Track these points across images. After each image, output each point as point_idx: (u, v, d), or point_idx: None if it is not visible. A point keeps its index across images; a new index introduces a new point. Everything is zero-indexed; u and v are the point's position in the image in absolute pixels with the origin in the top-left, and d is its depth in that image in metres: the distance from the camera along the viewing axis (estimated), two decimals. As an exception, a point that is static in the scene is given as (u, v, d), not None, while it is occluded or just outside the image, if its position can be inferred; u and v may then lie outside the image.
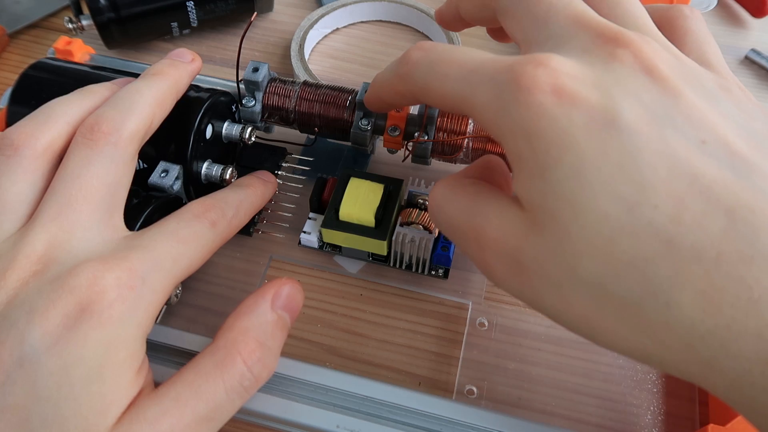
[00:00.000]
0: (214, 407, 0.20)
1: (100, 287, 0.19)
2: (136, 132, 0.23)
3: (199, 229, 0.23)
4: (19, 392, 0.17)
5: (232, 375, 0.20)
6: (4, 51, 0.41)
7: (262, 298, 0.22)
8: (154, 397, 0.19)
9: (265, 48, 0.42)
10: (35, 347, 0.18)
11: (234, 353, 0.20)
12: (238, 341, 0.21)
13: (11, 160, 0.21)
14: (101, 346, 0.18)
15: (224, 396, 0.20)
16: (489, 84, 0.18)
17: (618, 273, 0.16)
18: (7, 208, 0.21)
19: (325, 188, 0.30)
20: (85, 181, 0.21)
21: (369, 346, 0.28)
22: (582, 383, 0.27)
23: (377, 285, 0.30)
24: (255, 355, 0.21)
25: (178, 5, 0.38)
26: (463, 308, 0.29)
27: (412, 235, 0.28)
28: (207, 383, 0.20)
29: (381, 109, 0.27)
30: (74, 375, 0.18)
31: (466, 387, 0.27)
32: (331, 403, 0.23)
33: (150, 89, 0.24)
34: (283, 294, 0.22)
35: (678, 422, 0.26)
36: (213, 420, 0.20)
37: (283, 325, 0.22)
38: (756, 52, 0.41)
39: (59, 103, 0.23)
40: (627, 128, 0.16)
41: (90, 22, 0.37)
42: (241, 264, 0.31)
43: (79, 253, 0.20)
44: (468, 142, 0.30)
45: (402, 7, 0.42)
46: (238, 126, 0.30)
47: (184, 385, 0.20)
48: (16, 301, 0.19)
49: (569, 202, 0.16)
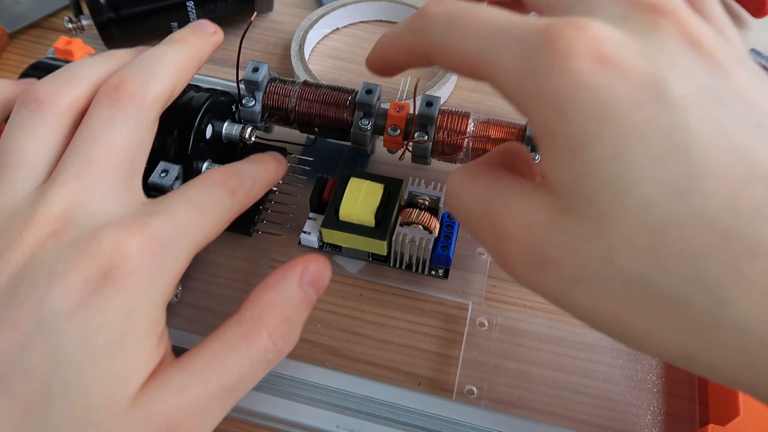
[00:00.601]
0: (238, 378, 0.19)
1: (123, 253, 0.18)
2: (161, 95, 0.22)
3: (219, 196, 0.22)
4: (39, 356, 0.17)
5: (258, 348, 0.20)
6: (4, 51, 0.41)
7: (291, 272, 0.22)
8: (178, 366, 0.19)
9: (265, 48, 0.42)
10: (56, 311, 0.17)
11: (260, 326, 0.20)
12: (265, 315, 0.20)
13: (35, 114, 0.21)
14: (124, 313, 0.18)
15: (248, 368, 0.20)
16: (517, 45, 0.16)
17: (664, 267, 0.14)
18: (27, 164, 0.20)
19: (325, 188, 0.30)
20: (108, 142, 0.21)
21: (369, 346, 0.28)
22: (582, 383, 0.27)
23: (377, 285, 0.30)
24: (280, 330, 0.20)
25: (178, 5, 0.38)
26: (463, 308, 0.29)
27: (412, 235, 0.28)
28: (232, 354, 0.19)
29: (384, 72, 0.23)
30: (96, 342, 0.18)
31: (466, 387, 0.27)
32: (331, 403, 0.23)
33: (175, 54, 0.24)
34: (311, 270, 0.22)
35: (678, 422, 0.26)
36: (236, 391, 0.20)
37: (308, 301, 0.22)
38: (756, 52, 0.41)
39: (84, 64, 0.23)
40: (677, 104, 0.14)
41: (90, 22, 0.37)
42: (241, 264, 0.31)
43: (98, 215, 0.20)
44: (468, 142, 0.30)
45: (402, 7, 0.42)
46: (238, 126, 0.30)
47: (210, 355, 0.19)
48: (34, 262, 0.18)
49: (609, 185, 0.14)
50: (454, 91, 0.39)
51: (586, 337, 0.29)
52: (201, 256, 0.21)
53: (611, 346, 0.28)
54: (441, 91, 0.37)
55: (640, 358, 0.28)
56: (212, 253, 0.31)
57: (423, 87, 0.37)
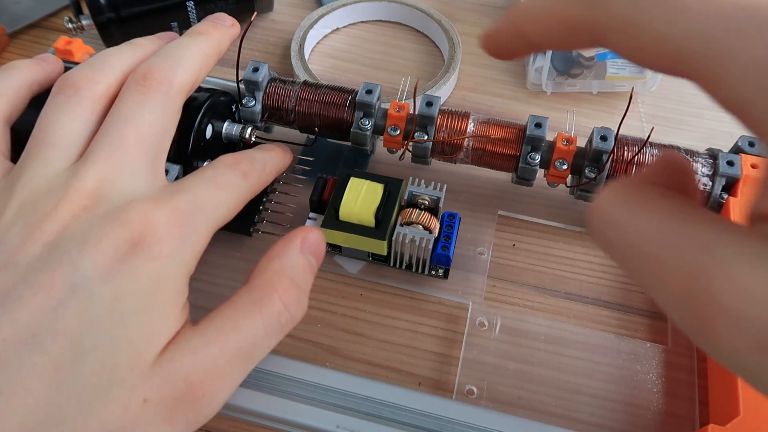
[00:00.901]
0: (253, 342, 0.20)
1: (151, 224, 0.20)
2: (186, 84, 0.24)
3: (233, 177, 0.24)
4: (71, 317, 0.18)
5: (271, 312, 0.21)
6: (4, 51, 0.41)
7: (291, 242, 0.23)
8: (196, 329, 0.20)
9: (265, 48, 0.42)
10: (87, 276, 0.19)
11: (271, 291, 0.21)
12: (274, 280, 0.21)
13: (71, 99, 0.23)
14: (152, 280, 0.19)
15: (263, 332, 0.20)
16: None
17: None
18: (62, 144, 0.22)
19: (325, 188, 0.30)
20: (138, 125, 0.22)
21: (369, 346, 0.28)
22: (582, 383, 0.27)
23: (377, 285, 0.30)
24: (291, 294, 0.21)
25: (178, 5, 0.38)
26: (463, 308, 0.29)
27: (412, 235, 0.28)
28: (246, 319, 0.20)
29: (506, 52, 0.17)
30: (126, 305, 0.19)
31: (466, 387, 0.27)
32: (331, 403, 0.23)
33: (198, 45, 0.25)
34: (310, 239, 0.23)
35: (678, 422, 0.26)
36: (251, 355, 0.20)
37: (311, 268, 0.23)
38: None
39: (113, 53, 0.25)
40: None
41: (90, 22, 0.37)
42: (241, 264, 0.31)
43: (127, 192, 0.21)
44: (468, 142, 0.30)
45: (402, 7, 0.42)
46: (238, 126, 0.30)
47: (224, 319, 0.20)
48: (68, 233, 0.19)
49: None
50: (454, 91, 0.39)
51: (586, 337, 0.29)
52: (201, 256, 0.22)
53: (611, 346, 0.28)
54: (441, 91, 0.37)
55: (640, 358, 0.28)
56: (212, 253, 0.30)
57: (423, 87, 0.37)
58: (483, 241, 0.32)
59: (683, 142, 0.30)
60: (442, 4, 0.43)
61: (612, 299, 0.30)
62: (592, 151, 0.28)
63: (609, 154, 0.28)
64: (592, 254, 0.31)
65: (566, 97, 0.38)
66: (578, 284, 0.30)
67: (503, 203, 0.33)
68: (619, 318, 0.29)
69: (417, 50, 0.42)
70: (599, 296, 0.30)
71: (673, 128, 0.37)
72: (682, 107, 0.38)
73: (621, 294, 0.30)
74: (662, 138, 0.30)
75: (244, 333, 0.20)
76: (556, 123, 0.34)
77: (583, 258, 0.31)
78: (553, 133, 0.30)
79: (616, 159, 0.29)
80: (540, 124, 0.29)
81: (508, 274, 0.31)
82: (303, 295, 0.22)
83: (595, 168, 0.29)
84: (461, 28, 0.41)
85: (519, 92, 0.39)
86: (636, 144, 0.29)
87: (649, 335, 0.29)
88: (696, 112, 0.38)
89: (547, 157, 0.29)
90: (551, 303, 0.30)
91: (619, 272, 0.31)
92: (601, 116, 0.38)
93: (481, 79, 0.39)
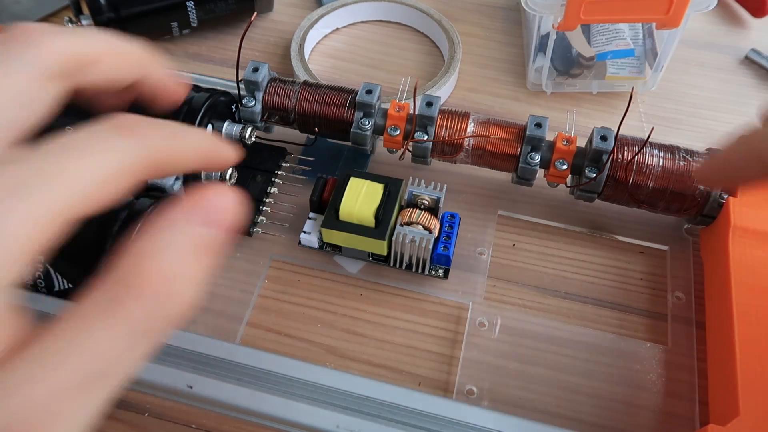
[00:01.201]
0: (111, 359, 0.14)
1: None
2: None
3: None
4: None
5: (135, 314, 0.15)
6: (4, 51, 0.41)
7: (176, 211, 0.16)
8: (22, 355, 0.14)
9: (265, 48, 0.42)
10: None
11: (136, 286, 0.15)
12: (143, 270, 0.15)
13: None
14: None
15: (125, 342, 0.15)
16: None
17: None
18: None
19: (325, 188, 0.30)
20: None
21: (369, 346, 0.28)
22: (582, 383, 0.27)
23: (377, 285, 0.30)
24: (166, 286, 0.15)
25: (178, 5, 0.38)
26: (463, 308, 0.29)
27: (412, 235, 0.28)
28: (99, 330, 0.14)
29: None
30: None
31: (466, 387, 0.27)
32: (331, 403, 0.23)
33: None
34: (206, 204, 0.16)
35: (678, 422, 0.26)
36: (109, 376, 0.15)
37: (206, 245, 0.16)
38: (756, 52, 0.41)
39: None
40: None
41: (90, 22, 0.37)
42: (241, 264, 0.31)
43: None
44: (468, 142, 0.30)
45: (402, 7, 0.42)
46: (238, 126, 0.30)
47: (69, 332, 0.14)
48: None
49: None
50: (454, 91, 0.39)
51: (586, 337, 0.29)
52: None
53: (611, 346, 0.28)
54: (441, 91, 0.37)
55: (640, 358, 0.28)
56: (212, 253, 0.31)
57: (423, 87, 0.37)
58: (483, 241, 0.32)
59: (683, 142, 0.30)
60: (442, 4, 0.43)
61: (612, 299, 0.30)
62: (592, 151, 0.28)
63: (609, 154, 0.28)
64: (592, 254, 0.31)
65: (566, 97, 0.38)
66: (578, 284, 0.30)
67: (503, 203, 0.33)
68: (619, 318, 0.29)
69: (417, 50, 0.42)
70: (599, 296, 0.30)
71: (673, 128, 0.37)
72: (682, 107, 0.38)
73: (621, 294, 0.30)
74: (662, 138, 0.30)
75: (97, 351, 0.14)
76: (556, 123, 0.34)
77: (583, 258, 0.31)
78: (553, 133, 0.30)
79: (616, 159, 0.29)
80: (540, 124, 0.29)
81: (508, 274, 0.31)
82: (185, 283, 0.15)
83: (595, 168, 0.29)
84: (461, 28, 0.41)
85: (519, 92, 0.39)
86: (636, 144, 0.29)
87: (649, 335, 0.29)
88: (696, 112, 0.38)
89: (547, 157, 0.29)
90: (551, 303, 0.30)
91: (619, 272, 0.31)
92: (601, 116, 0.38)
93: (481, 79, 0.39)
